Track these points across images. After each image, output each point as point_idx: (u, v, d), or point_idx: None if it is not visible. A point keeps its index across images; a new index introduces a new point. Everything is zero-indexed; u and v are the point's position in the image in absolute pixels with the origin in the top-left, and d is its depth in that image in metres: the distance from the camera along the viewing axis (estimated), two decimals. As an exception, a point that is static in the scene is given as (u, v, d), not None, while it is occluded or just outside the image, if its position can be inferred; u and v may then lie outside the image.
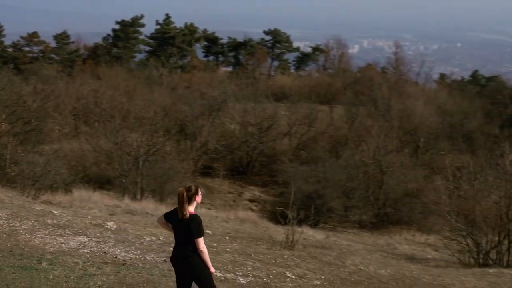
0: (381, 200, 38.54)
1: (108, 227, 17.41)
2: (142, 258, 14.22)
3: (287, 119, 46.51)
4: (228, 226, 26.52)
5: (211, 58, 79.61)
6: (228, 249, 17.29)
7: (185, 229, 8.99)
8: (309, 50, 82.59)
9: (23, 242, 13.98)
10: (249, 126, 44.64)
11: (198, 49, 79.10)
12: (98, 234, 16.19)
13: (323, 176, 37.01)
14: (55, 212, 18.56)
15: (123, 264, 13.08)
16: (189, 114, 43.44)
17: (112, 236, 16.31)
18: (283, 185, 41.70)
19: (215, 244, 18.01)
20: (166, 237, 17.50)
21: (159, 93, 48.91)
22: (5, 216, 16.57)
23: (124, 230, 17.53)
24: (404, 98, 53.28)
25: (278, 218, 26.32)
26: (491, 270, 20.29)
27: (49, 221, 16.79)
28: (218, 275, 13.64)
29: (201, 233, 9.02)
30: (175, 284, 10.86)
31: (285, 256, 17.16)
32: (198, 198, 9.17)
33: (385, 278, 16.59)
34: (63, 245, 14.32)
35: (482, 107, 57.36)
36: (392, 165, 39.40)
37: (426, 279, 17.43)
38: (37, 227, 15.73)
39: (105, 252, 14.19)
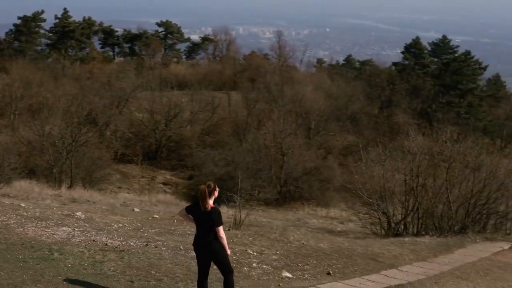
0: (283, 179, 40.23)
1: (78, 216, 17.90)
2: (126, 244, 14.97)
3: (190, 106, 47.35)
4: (161, 209, 27.36)
5: (108, 49, 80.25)
6: (189, 232, 18.16)
7: (207, 220, 10.16)
8: (198, 40, 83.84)
9: (22, 235, 14.41)
10: (156, 115, 45.26)
11: (96, 41, 79.36)
12: (75, 224, 16.72)
13: (231, 159, 38.32)
14: (23, 205, 18.88)
15: (122, 251, 13.84)
16: (100, 105, 43.67)
17: (87, 225, 16.88)
18: (191, 169, 42.80)
19: (173, 228, 18.88)
20: (130, 224, 18.32)
21: (68, 84, 48.71)
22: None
23: (92, 219, 18.05)
24: (294, 83, 55.07)
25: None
26: (406, 239, 22.07)
27: (25, 214, 17.12)
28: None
29: (220, 222, 10.25)
30: (173, 265, 11.91)
31: (239, 236, 18.19)
32: (216, 193, 10.40)
33: (327, 251, 17.99)
34: (55, 236, 14.83)
35: (363, 90, 59.97)
36: (291, 147, 41.16)
37: (359, 249, 18.96)
38: (23, 220, 16.05)
39: (94, 241, 14.82)
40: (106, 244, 14.59)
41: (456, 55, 70.43)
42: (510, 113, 61.93)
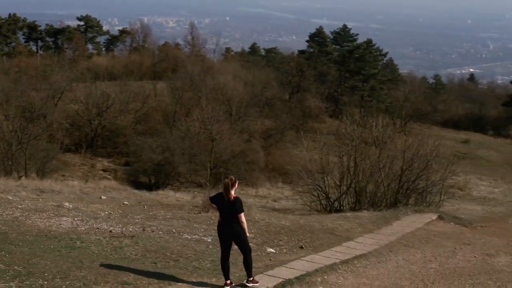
0: (213, 162, 41.26)
1: (67, 207, 18.34)
2: (127, 230, 15.70)
3: (121, 97, 47.41)
4: (116, 196, 27.88)
5: (32, 43, 79.48)
6: (168, 216, 18.97)
7: (231, 208, 11.26)
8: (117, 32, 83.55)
9: (36, 227, 14.86)
10: (90, 106, 45.21)
11: (20, 35, 78.17)
12: (70, 214, 17.22)
13: (166, 146, 38.95)
14: (10, 198, 19.15)
15: (132, 237, 14.56)
16: (37, 98, 43.26)
17: (79, 214, 17.40)
18: (126, 155, 43.21)
19: (151, 213, 19.61)
20: (114, 211, 18.97)
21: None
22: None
23: (79, 208, 18.56)
24: (213, 72, 55.86)
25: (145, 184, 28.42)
26: (348, 214, 23.58)
27: (20, 206, 17.47)
28: (192, 237, 15.58)
29: (242, 210, 11.42)
30: (181, 247, 12.89)
31: (213, 218, 19.08)
32: (236, 185, 11.48)
33: (291, 228, 19.25)
34: (63, 226, 15.36)
35: (275, 77, 61.43)
36: (219, 133, 42.16)
37: (316, 225, 20.31)
38: (25, 213, 16.44)
39: (98, 228, 15.47)
40: (110, 231, 15.27)
41: (356, 43, 73.07)
42: (408, 95, 64.96)
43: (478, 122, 75.22)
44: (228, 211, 11.36)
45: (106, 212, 18.35)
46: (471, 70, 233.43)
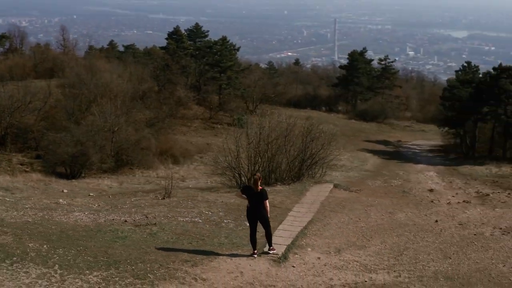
0: (116, 151, 42.05)
1: (63, 203, 19.18)
2: (138, 219, 16.97)
3: (21, 96, 46.08)
4: (56, 187, 28.31)
5: None
6: (148, 204, 20.23)
7: (258, 197, 13.37)
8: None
9: (69, 223, 15.79)
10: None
11: None
12: (75, 209, 18.18)
13: (77, 139, 39.00)
14: (8, 199, 19.52)
15: (155, 224, 15.96)
16: None
17: (81, 208, 18.40)
18: (35, 150, 42.80)
19: (115, 201, 20.69)
20: (103, 203, 20.01)
21: None
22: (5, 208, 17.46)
23: (72, 204, 19.45)
24: (96, 70, 55.46)
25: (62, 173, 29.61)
26: (268, 189, 25.80)
27: (28, 206, 18.08)
28: (190, 220, 17.23)
29: (267, 197, 13.48)
30: (197, 229, 14.85)
31: (181, 202, 20.66)
32: (261, 180, 13.59)
33: (234, 204, 20.90)
34: (85, 220, 16.31)
35: (146, 72, 62.14)
36: (117, 124, 42.86)
37: (234, 200, 22.08)
38: (45, 211, 17.20)
39: (113, 219, 16.66)
40: (125, 221, 16.53)
41: (208, 39, 75.40)
42: (257, 82, 68.27)
43: (313, 101, 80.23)
44: (256, 199, 13.45)
45: (97, 205, 19.37)
46: (289, 54, 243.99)
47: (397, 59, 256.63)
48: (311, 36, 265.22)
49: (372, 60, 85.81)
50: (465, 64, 66.35)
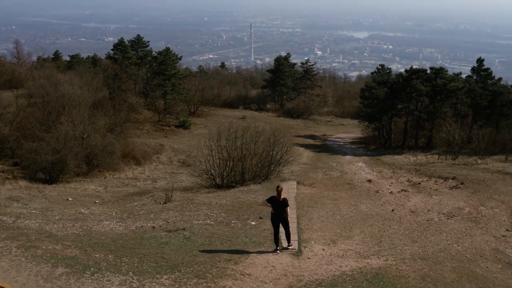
0: (86, 156, 42.17)
1: (84, 212, 19.91)
2: (160, 225, 18.06)
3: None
4: (53, 195, 28.55)
5: None
6: (154, 210, 21.27)
7: (282, 205, 15.00)
8: None
9: (110, 231, 16.68)
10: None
11: None
12: (101, 217, 19.00)
13: (53, 147, 38.84)
14: (33, 211, 20.06)
15: (184, 229, 17.11)
16: None
17: (106, 217, 19.25)
18: (12, 158, 42.30)
19: (126, 208, 21.67)
20: (121, 212, 20.87)
21: None
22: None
23: (93, 213, 20.22)
24: (56, 81, 54.74)
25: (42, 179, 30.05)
26: (244, 188, 27.16)
27: (57, 217, 18.74)
28: (206, 222, 18.51)
29: (288, 205, 15.13)
30: (218, 231, 16.29)
31: (184, 206, 21.74)
32: (282, 191, 15.17)
33: (236, 205, 22.15)
34: (118, 229, 17.29)
35: (98, 81, 61.76)
36: (86, 132, 42.99)
37: (241, 200, 23.77)
38: (78, 222, 17.92)
39: (142, 226, 17.69)
40: (154, 227, 17.60)
41: (149, 49, 75.64)
42: (198, 86, 69.34)
43: (245, 101, 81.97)
44: (280, 207, 15.06)
45: (114, 213, 20.24)
46: (210, 56, 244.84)
47: (306, 58, 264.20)
48: (230, 40, 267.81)
49: (295, 64, 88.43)
50: (379, 67, 69.86)
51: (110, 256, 13.66)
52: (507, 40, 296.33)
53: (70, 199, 25.40)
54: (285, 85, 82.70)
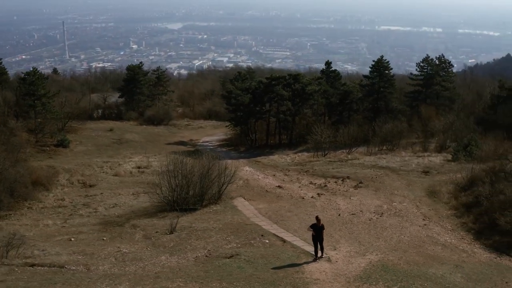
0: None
1: (123, 250, 24.65)
2: (208, 254, 23.57)
3: None
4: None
5: None
6: (167, 239, 26.44)
7: (320, 229, 22.09)
8: None
9: (177, 265, 21.84)
10: None
11: None
12: (148, 254, 23.92)
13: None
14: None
15: (237, 255, 22.81)
16: None
17: (148, 253, 24.16)
18: None
19: (146, 243, 26.55)
20: (152, 246, 25.65)
21: None
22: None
23: (128, 252, 24.97)
24: None
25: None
26: (211, 210, 32.57)
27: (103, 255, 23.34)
28: (234, 246, 24.40)
29: (324, 228, 22.18)
30: (256, 253, 22.99)
31: (191, 235, 26.92)
32: (321, 220, 22.19)
33: (225, 227, 28.24)
34: (181, 260, 22.58)
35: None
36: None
37: (228, 222, 29.40)
38: (139, 261, 22.72)
39: (196, 257, 23.15)
40: (206, 256, 23.18)
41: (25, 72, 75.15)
42: (63, 101, 71.31)
43: (104, 111, 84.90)
44: (319, 230, 22.08)
45: (145, 248, 25.08)
46: (23, 57, 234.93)
47: (122, 53, 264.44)
48: (42, 39, 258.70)
49: (148, 72, 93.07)
50: (238, 73, 78.01)
51: (224, 283, 19.56)
52: (316, 24, 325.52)
53: (72, 239, 27.81)
54: (141, 93, 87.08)
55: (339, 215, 30.43)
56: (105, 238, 27.98)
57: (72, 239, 28.42)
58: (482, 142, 47.35)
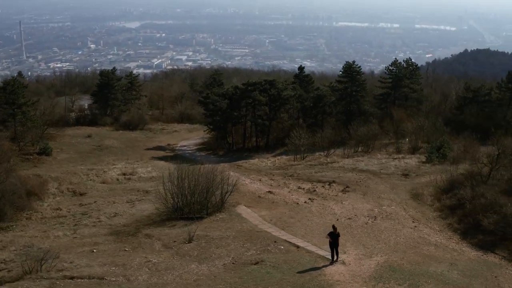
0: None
1: (153, 261, 27.07)
2: (233, 262, 26.18)
3: None
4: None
5: None
6: (196, 251, 28.90)
7: (337, 236, 25.21)
8: None
9: (208, 273, 24.55)
10: None
11: None
12: (179, 263, 26.36)
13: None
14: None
15: (262, 261, 25.60)
16: None
17: (177, 262, 26.57)
18: None
19: (167, 253, 28.93)
20: (175, 259, 27.92)
21: None
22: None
23: (158, 262, 27.33)
24: None
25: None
26: (218, 218, 34.72)
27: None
28: (254, 253, 27.08)
29: (339, 235, 25.27)
30: (277, 259, 25.95)
31: (210, 243, 29.45)
32: (337, 228, 25.28)
33: (239, 234, 30.84)
34: (212, 268, 25.18)
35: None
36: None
37: (238, 230, 31.91)
38: (158, 270, 25.24)
39: (224, 264, 25.77)
40: (233, 263, 25.84)
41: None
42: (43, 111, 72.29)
43: (79, 117, 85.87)
44: (336, 237, 25.13)
45: (174, 258, 27.55)
46: None
47: (80, 52, 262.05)
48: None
49: (122, 77, 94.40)
50: (213, 79, 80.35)
51: (260, 288, 22.41)
52: (274, 20, 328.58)
53: (94, 250, 29.18)
54: (116, 98, 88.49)
55: (337, 220, 33.29)
56: (127, 249, 29.68)
57: (94, 250, 29.51)
58: (453, 143, 51.09)
